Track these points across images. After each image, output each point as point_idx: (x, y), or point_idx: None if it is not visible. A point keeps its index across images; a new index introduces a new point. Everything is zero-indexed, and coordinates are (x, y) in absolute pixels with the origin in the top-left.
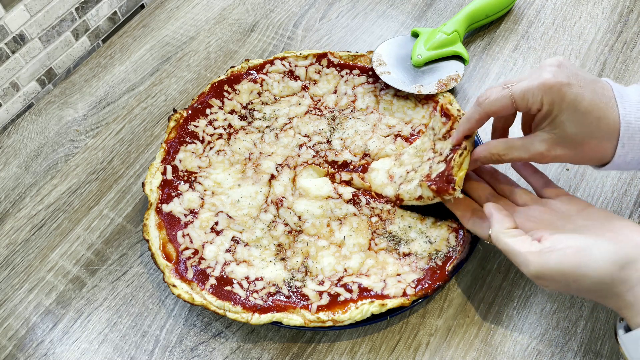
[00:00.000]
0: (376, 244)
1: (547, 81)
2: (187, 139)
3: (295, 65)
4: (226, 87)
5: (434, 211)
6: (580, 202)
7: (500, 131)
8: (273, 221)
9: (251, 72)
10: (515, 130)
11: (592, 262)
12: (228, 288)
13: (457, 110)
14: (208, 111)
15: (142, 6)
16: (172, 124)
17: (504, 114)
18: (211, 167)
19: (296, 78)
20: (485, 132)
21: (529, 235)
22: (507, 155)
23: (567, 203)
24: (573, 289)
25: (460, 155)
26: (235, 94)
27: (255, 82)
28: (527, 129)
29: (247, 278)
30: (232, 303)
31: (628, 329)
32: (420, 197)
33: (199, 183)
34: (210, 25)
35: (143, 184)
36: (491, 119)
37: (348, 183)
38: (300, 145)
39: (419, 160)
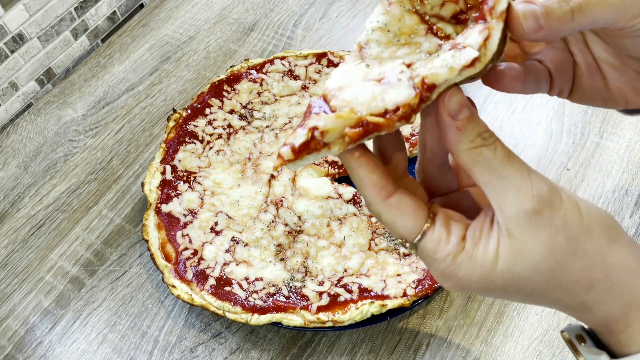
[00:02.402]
0: (376, 244)
1: None
2: (187, 139)
3: (295, 65)
4: (226, 87)
5: None
6: None
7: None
8: (273, 221)
9: (251, 71)
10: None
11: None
12: (227, 288)
13: None
14: (207, 111)
15: (142, 5)
16: (171, 123)
17: None
18: (211, 167)
19: (296, 78)
20: None
21: None
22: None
23: None
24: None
25: None
26: (235, 93)
27: (255, 81)
28: None
29: (246, 278)
30: (232, 303)
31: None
32: (473, 59)
33: (199, 183)
34: (210, 24)
35: (142, 184)
36: None
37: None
38: None
39: (414, 48)
